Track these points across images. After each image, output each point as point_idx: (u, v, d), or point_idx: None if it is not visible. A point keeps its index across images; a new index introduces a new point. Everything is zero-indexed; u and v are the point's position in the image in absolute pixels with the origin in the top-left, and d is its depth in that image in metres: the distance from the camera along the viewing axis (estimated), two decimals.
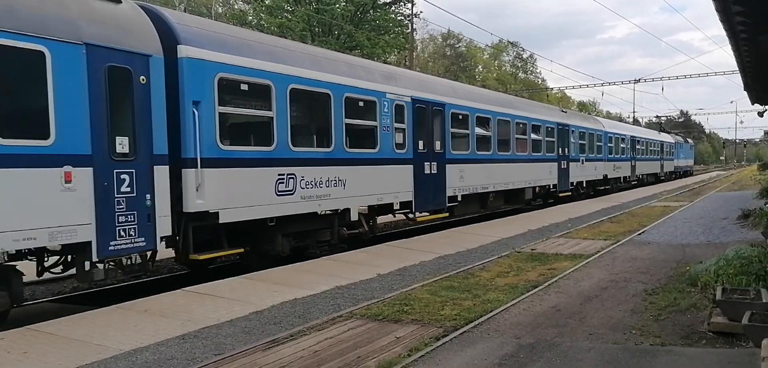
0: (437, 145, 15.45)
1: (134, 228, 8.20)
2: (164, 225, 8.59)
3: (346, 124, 12.11)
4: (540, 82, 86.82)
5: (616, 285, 8.50)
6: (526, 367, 5.22)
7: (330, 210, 12.12)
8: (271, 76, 10.37)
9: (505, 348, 5.70)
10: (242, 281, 9.13)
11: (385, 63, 25.06)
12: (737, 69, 15.04)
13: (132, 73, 8.18)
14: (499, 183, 18.90)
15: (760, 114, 33.92)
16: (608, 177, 31.31)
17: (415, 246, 12.74)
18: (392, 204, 13.85)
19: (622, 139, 34.47)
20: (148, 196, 8.36)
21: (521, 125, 20.74)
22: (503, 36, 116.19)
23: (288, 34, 28.81)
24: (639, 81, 62.64)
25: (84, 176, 7.59)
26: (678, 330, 6.15)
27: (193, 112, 9.02)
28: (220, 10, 43.87)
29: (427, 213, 15.30)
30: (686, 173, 57.13)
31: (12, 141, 6.92)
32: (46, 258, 8.27)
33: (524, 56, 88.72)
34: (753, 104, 26.21)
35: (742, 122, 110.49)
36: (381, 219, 14.99)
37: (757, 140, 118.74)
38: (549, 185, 23.36)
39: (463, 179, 16.62)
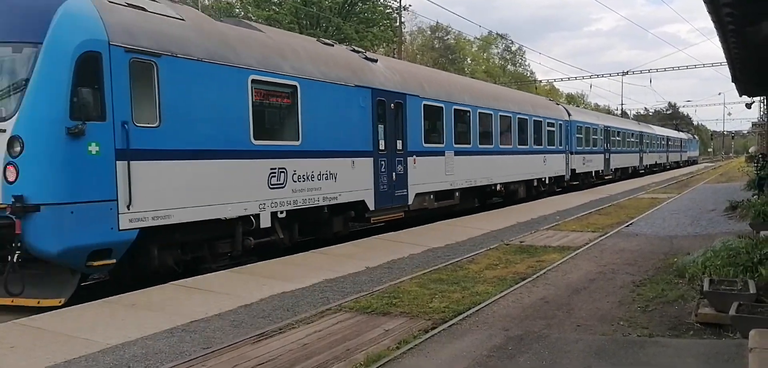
0: (607, 144, 33.12)
1: (563, 173, 26.06)
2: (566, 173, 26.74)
3: (591, 138, 30.53)
4: (528, 74, 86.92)
5: (604, 276, 8.54)
6: (515, 359, 5.22)
7: (589, 171, 29.65)
8: (591, 124, 30.55)
9: (493, 340, 5.71)
10: (230, 275, 9.10)
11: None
12: (725, 61, 15.13)
13: (565, 128, 26.30)
14: (621, 165, 37.06)
15: (748, 106, 34.42)
16: (656, 162, 49.05)
17: (404, 240, 12.73)
18: (599, 171, 31.50)
19: (663, 137, 54.04)
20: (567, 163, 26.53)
21: (628, 133, 39.34)
22: (492, 28, 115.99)
23: (275, 26, 28.60)
24: (627, 73, 63.34)
25: (562, 156, 26.07)
26: (665, 322, 6.18)
27: (573, 137, 26.70)
28: (207, 3, 43.42)
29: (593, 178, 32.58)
30: (694, 162, 74.91)
31: (551, 146, 24.78)
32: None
33: (513, 49, 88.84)
34: (741, 96, 26.44)
35: (729, 114, 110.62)
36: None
37: (745, 132, 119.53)
38: (635, 166, 41.24)
39: (613, 162, 34.33)
